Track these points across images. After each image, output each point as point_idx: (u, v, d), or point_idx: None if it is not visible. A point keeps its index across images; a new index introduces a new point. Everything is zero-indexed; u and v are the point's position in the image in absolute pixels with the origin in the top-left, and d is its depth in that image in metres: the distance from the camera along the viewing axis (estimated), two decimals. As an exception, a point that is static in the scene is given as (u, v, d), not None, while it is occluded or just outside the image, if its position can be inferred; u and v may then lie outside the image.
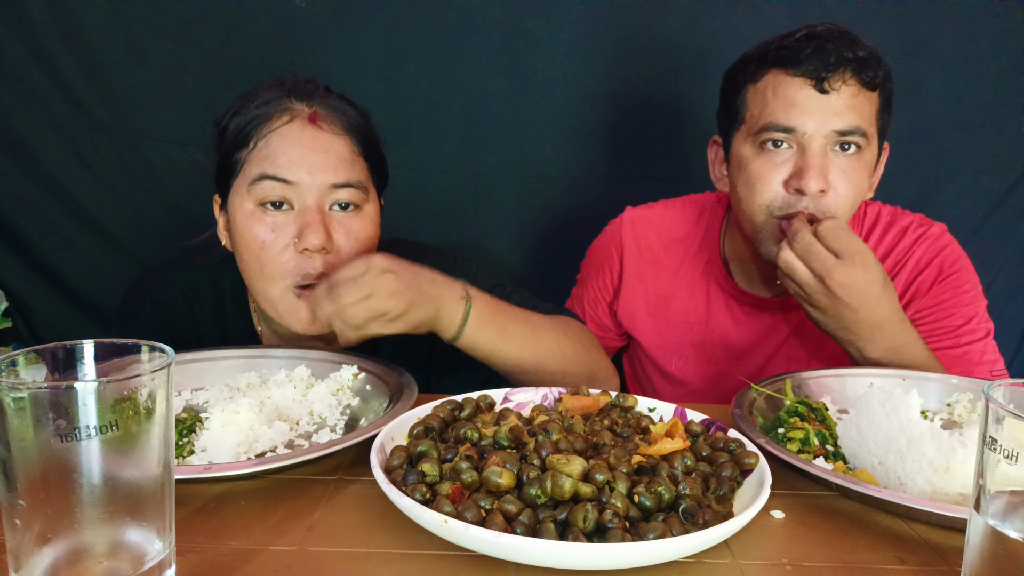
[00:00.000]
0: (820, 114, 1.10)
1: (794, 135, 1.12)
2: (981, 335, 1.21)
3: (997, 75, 1.75)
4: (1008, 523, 0.52)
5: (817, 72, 1.09)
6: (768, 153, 1.14)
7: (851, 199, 1.13)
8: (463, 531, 0.60)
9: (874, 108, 1.14)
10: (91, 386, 0.50)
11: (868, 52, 1.11)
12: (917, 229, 1.27)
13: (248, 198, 1.04)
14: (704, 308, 1.36)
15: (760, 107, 1.15)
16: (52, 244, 1.83)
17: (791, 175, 1.13)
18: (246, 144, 1.04)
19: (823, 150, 1.11)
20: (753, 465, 0.75)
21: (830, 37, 1.10)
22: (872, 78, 1.11)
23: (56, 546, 0.51)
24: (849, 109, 1.10)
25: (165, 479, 0.55)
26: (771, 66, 1.14)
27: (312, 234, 1.00)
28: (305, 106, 1.06)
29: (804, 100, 1.11)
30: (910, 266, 1.25)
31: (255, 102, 1.06)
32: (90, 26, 1.71)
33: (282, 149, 1.03)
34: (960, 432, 0.77)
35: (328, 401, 0.96)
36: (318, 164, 1.02)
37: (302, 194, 1.02)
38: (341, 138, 1.06)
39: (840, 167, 1.12)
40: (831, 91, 1.10)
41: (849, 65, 1.09)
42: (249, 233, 1.03)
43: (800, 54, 1.10)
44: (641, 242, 1.40)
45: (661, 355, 1.40)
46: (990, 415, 0.53)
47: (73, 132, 1.77)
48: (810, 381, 1.03)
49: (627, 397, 0.89)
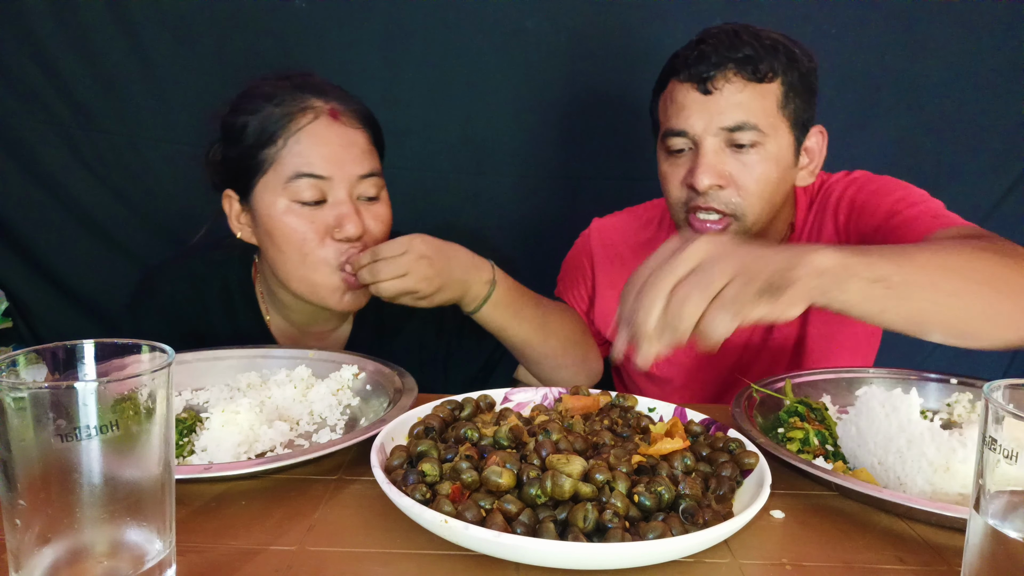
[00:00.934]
0: (706, 114, 1.14)
1: (688, 137, 1.16)
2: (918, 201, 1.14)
3: (997, 75, 1.75)
4: (1008, 523, 0.52)
5: (699, 75, 1.14)
6: (672, 157, 1.21)
7: (756, 191, 1.15)
8: (463, 531, 0.60)
9: (772, 100, 1.15)
10: (91, 386, 0.51)
11: (755, 47, 1.13)
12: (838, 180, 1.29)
13: (283, 195, 1.09)
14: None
15: (663, 115, 1.22)
16: (52, 244, 1.83)
17: (686, 173, 1.18)
18: (273, 142, 1.09)
19: (716, 148, 1.15)
20: (753, 465, 0.75)
21: (715, 39, 1.15)
22: (757, 72, 1.13)
23: (56, 546, 0.51)
24: (735, 106, 1.13)
25: (165, 479, 0.55)
26: (669, 76, 1.21)
27: (350, 224, 1.08)
28: (323, 103, 1.11)
29: (691, 103, 1.15)
30: (831, 206, 1.26)
31: (272, 100, 1.10)
32: (90, 26, 1.71)
33: (314, 147, 1.08)
34: (960, 432, 0.77)
35: (328, 401, 0.96)
36: (346, 158, 1.10)
37: (334, 187, 1.09)
38: (359, 131, 1.13)
39: (739, 162, 1.15)
40: (714, 91, 1.13)
41: (730, 64, 1.13)
42: (289, 227, 1.09)
43: (687, 60, 1.15)
44: (609, 249, 1.45)
45: None
46: (990, 415, 0.53)
47: (73, 132, 1.77)
48: (810, 381, 1.03)
49: (627, 397, 0.89)
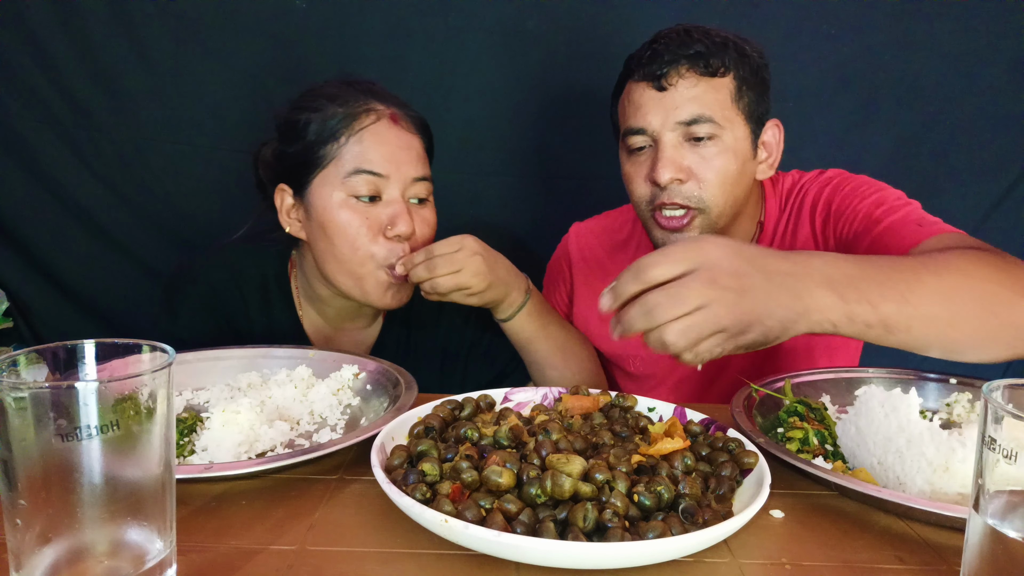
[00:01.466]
0: (662, 110, 1.16)
1: (647, 134, 1.19)
2: (899, 207, 1.11)
3: (997, 75, 1.75)
4: (1007, 523, 0.53)
5: (653, 72, 1.17)
6: (634, 155, 1.23)
7: (716, 183, 1.17)
8: (463, 530, 0.60)
9: (726, 93, 1.17)
10: (92, 386, 0.51)
11: (706, 44, 1.16)
12: (811, 180, 1.29)
13: (341, 188, 1.13)
14: None
15: (622, 116, 1.25)
16: (53, 244, 1.83)
17: (648, 170, 1.19)
18: (335, 140, 1.13)
19: (674, 143, 1.17)
20: (752, 464, 0.75)
21: (667, 38, 1.18)
22: (709, 67, 1.16)
23: (57, 546, 0.51)
24: (690, 101, 1.15)
25: (166, 479, 0.55)
26: (625, 79, 1.24)
27: (402, 223, 1.13)
28: (385, 107, 1.17)
29: (647, 101, 1.18)
30: (807, 209, 1.26)
31: (335, 101, 1.15)
32: (91, 26, 1.71)
33: (374, 146, 1.13)
34: (959, 432, 0.77)
35: (329, 401, 0.96)
36: (404, 160, 1.15)
37: (390, 186, 1.14)
38: (416, 137, 1.19)
39: (699, 155, 1.17)
40: (668, 87, 1.16)
41: (682, 60, 1.16)
42: (343, 220, 1.13)
43: (641, 61, 1.19)
44: (586, 252, 1.47)
45: (620, 358, 1.43)
46: (989, 415, 0.53)
47: (74, 132, 1.77)
48: (810, 381, 1.04)
49: (627, 397, 0.90)
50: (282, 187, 1.20)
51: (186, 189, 1.81)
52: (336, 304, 1.26)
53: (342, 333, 1.31)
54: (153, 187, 1.80)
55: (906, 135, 1.79)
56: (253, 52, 1.74)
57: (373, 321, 1.33)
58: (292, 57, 1.74)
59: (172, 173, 1.80)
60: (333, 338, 1.31)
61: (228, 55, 1.74)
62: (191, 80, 1.75)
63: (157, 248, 1.84)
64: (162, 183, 1.80)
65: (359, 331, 1.32)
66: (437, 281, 1.08)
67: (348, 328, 1.31)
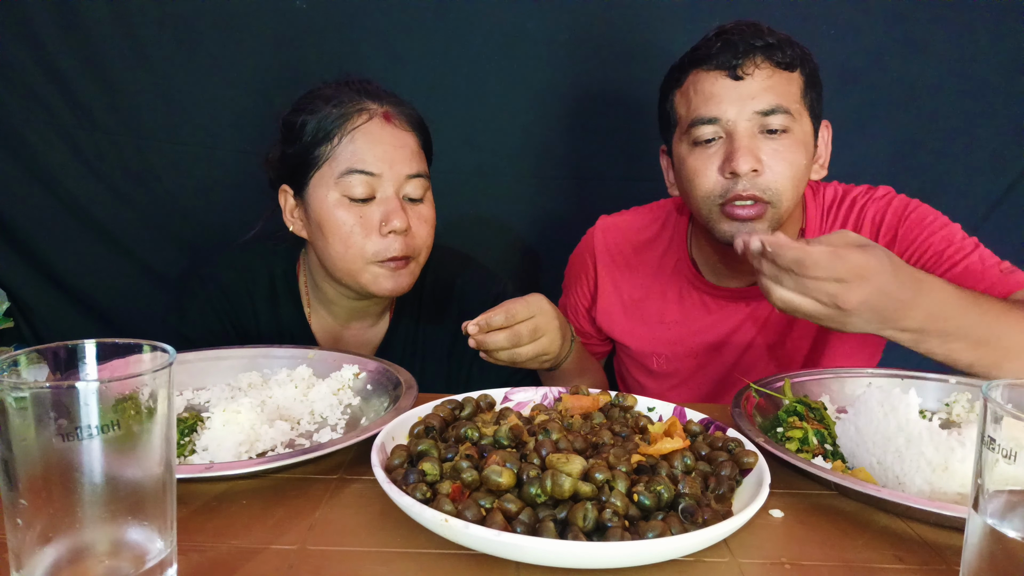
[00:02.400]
0: (739, 99, 1.15)
1: (719, 124, 1.16)
2: (970, 248, 1.19)
3: (997, 75, 1.75)
4: (1007, 522, 0.53)
5: (729, 61, 1.15)
6: (700, 147, 1.19)
7: (789, 176, 1.16)
8: (463, 530, 0.60)
9: (797, 87, 1.17)
10: (93, 386, 0.51)
11: (778, 38, 1.16)
12: (864, 195, 1.30)
13: (335, 188, 1.15)
14: (678, 306, 1.39)
15: (686, 107, 1.21)
16: (53, 244, 1.83)
17: (723, 161, 1.17)
18: (329, 140, 1.15)
19: (749, 133, 1.15)
20: (752, 464, 0.75)
21: (737, 30, 1.17)
22: (784, 59, 1.15)
23: (57, 545, 0.51)
24: (766, 90, 1.14)
25: (166, 478, 0.55)
26: (690, 68, 1.21)
27: (396, 219, 1.14)
28: (378, 105, 1.18)
29: (721, 90, 1.16)
30: (867, 228, 1.27)
31: (330, 102, 1.17)
32: (91, 26, 1.71)
33: (367, 146, 1.15)
34: (958, 431, 0.77)
35: (329, 400, 0.96)
36: (397, 158, 1.16)
37: (384, 184, 1.15)
38: (410, 134, 1.19)
39: (771, 148, 1.15)
40: (745, 76, 1.15)
41: (759, 51, 1.14)
42: (338, 219, 1.15)
43: (712, 49, 1.16)
44: (612, 248, 1.45)
45: (642, 355, 1.43)
46: (988, 414, 0.53)
47: (74, 132, 1.77)
48: (809, 380, 1.04)
49: (627, 397, 0.90)
50: (284, 188, 1.23)
51: (186, 189, 1.81)
52: (342, 303, 1.28)
53: (349, 332, 1.32)
54: (153, 187, 1.81)
55: (906, 135, 1.79)
56: (253, 52, 1.74)
57: (379, 320, 1.34)
58: (292, 57, 1.74)
59: (172, 173, 1.80)
60: (340, 337, 1.32)
61: (228, 55, 1.74)
62: (191, 80, 1.75)
63: (157, 248, 1.84)
64: (162, 183, 1.80)
65: (366, 330, 1.34)
66: (519, 351, 1.02)
67: (355, 327, 1.33)
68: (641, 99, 1.77)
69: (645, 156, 1.80)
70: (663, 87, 1.28)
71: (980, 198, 1.82)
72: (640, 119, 1.78)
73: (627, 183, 1.80)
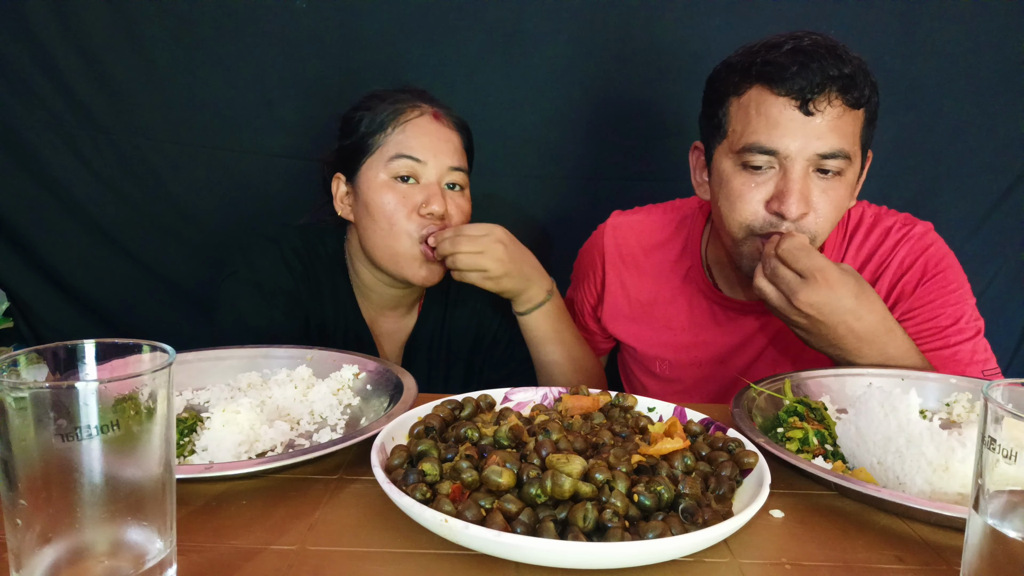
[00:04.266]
0: (803, 136, 1.07)
1: (776, 156, 1.10)
2: (971, 334, 1.19)
3: (997, 75, 1.75)
4: (1007, 522, 0.53)
5: (802, 93, 1.06)
6: (750, 172, 1.12)
7: (832, 219, 1.13)
8: (463, 530, 0.60)
9: (858, 126, 1.11)
10: (92, 386, 0.51)
11: (854, 68, 1.07)
12: (900, 229, 1.25)
13: (384, 171, 1.26)
14: (686, 313, 1.37)
15: (743, 124, 1.12)
16: (53, 244, 1.83)
17: (772, 196, 1.11)
18: (382, 130, 1.28)
19: (805, 172, 1.09)
20: (752, 464, 0.75)
21: (816, 53, 1.06)
22: (858, 97, 1.08)
23: (57, 545, 0.51)
24: (833, 131, 1.08)
25: (166, 478, 0.55)
26: (755, 81, 1.11)
27: (435, 203, 1.25)
28: (430, 106, 1.31)
29: (788, 121, 1.08)
30: (893, 267, 1.23)
31: (387, 100, 1.29)
32: (91, 25, 1.71)
33: (415, 135, 1.27)
34: (959, 432, 0.77)
35: (329, 401, 0.96)
36: (441, 150, 1.28)
37: (428, 171, 1.27)
38: (455, 133, 1.31)
39: (821, 188, 1.10)
40: (816, 112, 1.07)
41: (835, 84, 1.06)
42: (384, 198, 1.26)
43: (785, 72, 1.06)
44: (623, 248, 1.43)
45: (646, 359, 1.42)
46: (989, 415, 0.53)
47: (74, 132, 1.77)
48: (809, 381, 1.03)
49: (627, 397, 0.89)
50: (338, 176, 1.35)
51: (186, 189, 1.81)
52: (378, 289, 1.37)
53: (384, 319, 1.41)
54: (153, 187, 1.80)
55: (906, 135, 1.79)
56: (253, 52, 1.74)
57: (410, 311, 1.43)
58: (292, 57, 1.74)
59: (172, 173, 1.80)
60: (377, 322, 1.40)
61: (228, 55, 1.74)
62: (191, 80, 1.75)
63: (157, 248, 1.84)
64: (162, 183, 1.80)
65: (398, 319, 1.42)
66: (458, 257, 1.20)
67: (388, 316, 1.41)
68: (643, 98, 1.78)
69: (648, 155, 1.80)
70: (715, 83, 1.18)
71: (980, 198, 1.82)
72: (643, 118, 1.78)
73: (630, 182, 1.80)
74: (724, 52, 1.21)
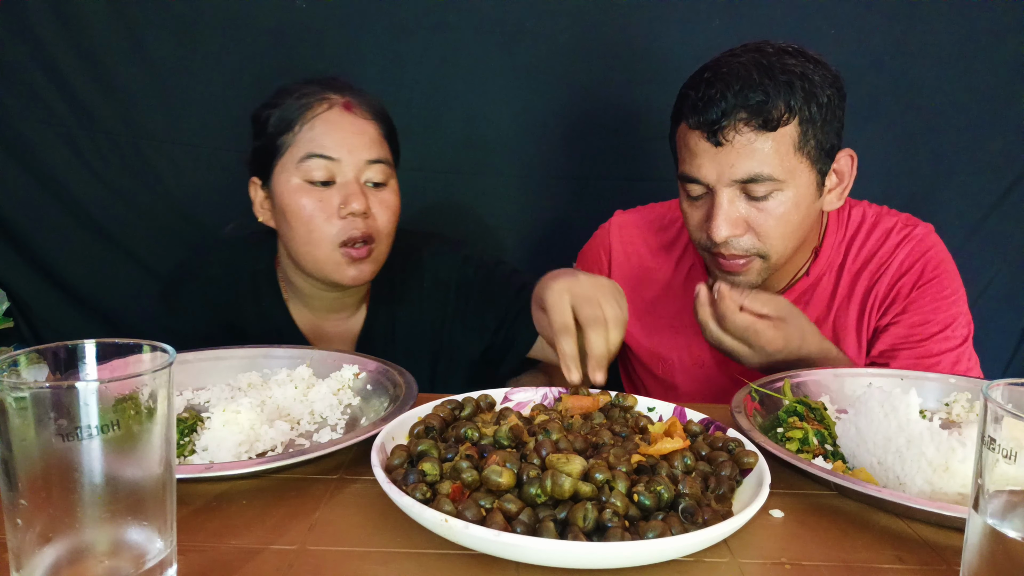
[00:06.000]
0: (717, 165, 1.10)
1: (702, 183, 1.13)
2: (957, 343, 1.19)
3: (997, 75, 1.75)
4: (1007, 522, 0.53)
5: (710, 125, 1.08)
6: (692, 199, 1.18)
7: (779, 233, 1.14)
8: (463, 530, 0.60)
9: (788, 144, 1.09)
10: (92, 386, 0.51)
11: (767, 89, 1.06)
12: (901, 231, 1.26)
13: (295, 174, 1.18)
14: (690, 313, 1.35)
15: (679, 156, 1.19)
16: (54, 244, 1.83)
17: (704, 218, 1.16)
18: (290, 129, 1.19)
19: (730, 197, 1.12)
20: (752, 464, 0.75)
21: (723, 80, 1.08)
22: (771, 119, 1.07)
23: (57, 545, 0.51)
24: (746, 158, 1.08)
25: (166, 478, 0.55)
26: (680, 116, 1.16)
27: (355, 201, 1.17)
28: (339, 96, 1.22)
29: (702, 152, 1.11)
30: (893, 269, 1.24)
31: (294, 95, 1.21)
32: (91, 25, 1.71)
33: (326, 131, 1.18)
34: (959, 431, 0.77)
35: (329, 400, 0.96)
36: (355, 144, 1.19)
37: (343, 169, 1.18)
38: (371, 122, 1.22)
39: (757, 208, 1.12)
40: (725, 142, 1.09)
41: (741, 111, 1.07)
42: (298, 204, 1.18)
43: (696, 105, 1.10)
44: (628, 248, 1.43)
45: (650, 359, 1.42)
46: (989, 415, 0.53)
47: (74, 132, 1.77)
48: (809, 381, 1.03)
49: (627, 397, 0.90)
50: (254, 180, 1.26)
51: (186, 189, 1.81)
52: (315, 295, 1.30)
53: (328, 324, 1.34)
54: (153, 187, 1.80)
55: (906, 135, 1.79)
56: (253, 52, 1.74)
57: (356, 311, 1.35)
58: (292, 57, 1.74)
59: (172, 173, 1.80)
60: (320, 329, 1.33)
61: (228, 55, 1.74)
62: (191, 80, 1.75)
63: (157, 248, 1.84)
64: (162, 183, 1.80)
65: (344, 321, 1.35)
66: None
67: (332, 319, 1.34)
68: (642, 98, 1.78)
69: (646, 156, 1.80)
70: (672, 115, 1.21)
71: (980, 198, 1.82)
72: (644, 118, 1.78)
73: (628, 183, 1.80)
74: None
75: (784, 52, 1.10)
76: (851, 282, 1.26)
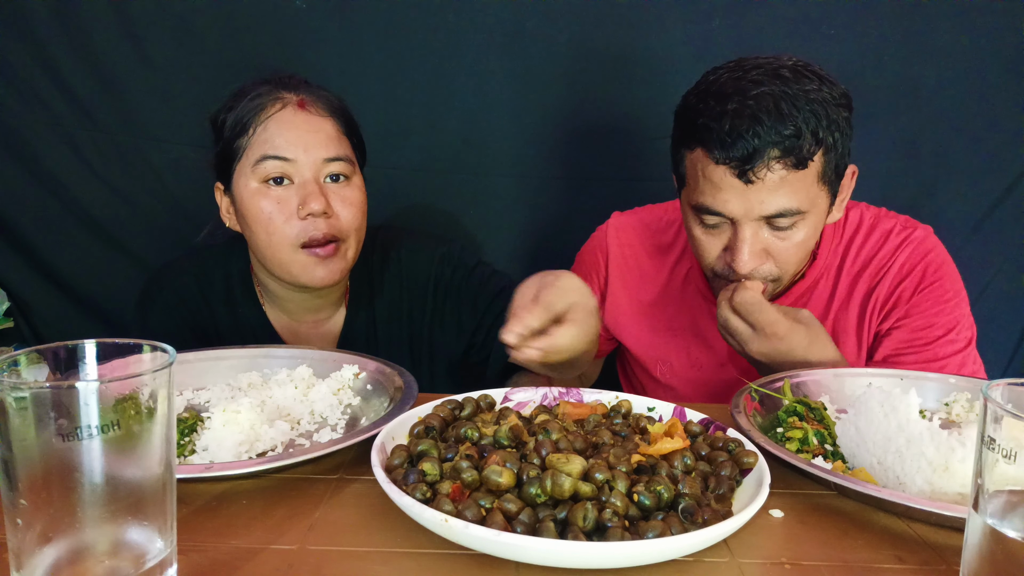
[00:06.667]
0: (745, 202, 1.07)
1: (724, 216, 1.11)
2: (961, 346, 1.19)
3: (997, 75, 1.75)
4: (1007, 522, 0.53)
5: (740, 163, 1.04)
6: (707, 225, 1.15)
7: (797, 257, 1.15)
8: (463, 530, 0.60)
9: (812, 176, 1.08)
10: (93, 386, 0.51)
11: (797, 124, 1.03)
12: (900, 233, 1.25)
13: (252, 177, 1.16)
14: (688, 315, 1.37)
15: (693, 181, 1.13)
16: (54, 244, 1.83)
17: (725, 248, 1.14)
18: (245, 132, 1.17)
19: (755, 230, 1.10)
20: (752, 464, 0.75)
21: (757, 116, 1.03)
22: (802, 155, 1.04)
23: (57, 545, 0.51)
24: (776, 195, 1.06)
25: (166, 478, 0.55)
26: (697, 143, 1.10)
27: (313, 201, 1.14)
28: (293, 95, 1.19)
29: (729, 188, 1.07)
30: (893, 272, 1.23)
31: (248, 96, 1.19)
32: (91, 25, 1.71)
33: (279, 132, 1.16)
34: (959, 431, 0.77)
35: (329, 400, 0.96)
36: (311, 142, 1.17)
37: (300, 169, 1.16)
38: (327, 119, 1.20)
39: (778, 238, 1.12)
40: (756, 180, 1.05)
41: (773, 151, 1.04)
42: (256, 207, 1.16)
43: (724, 140, 1.04)
44: (626, 249, 1.42)
45: (648, 360, 1.41)
46: (988, 414, 0.53)
47: (75, 132, 1.77)
48: (809, 381, 1.03)
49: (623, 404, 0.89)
50: (217, 185, 1.25)
51: (187, 189, 1.81)
52: (290, 297, 1.28)
53: (305, 326, 1.32)
54: (154, 187, 1.81)
55: (906, 135, 1.79)
56: (253, 52, 1.74)
57: (335, 312, 1.34)
58: (292, 57, 1.74)
59: (173, 173, 1.80)
60: (298, 332, 1.32)
61: (228, 55, 1.74)
62: (191, 80, 1.75)
63: (158, 248, 1.83)
64: (163, 183, 1.80)
65: (323, 323, 1.33)
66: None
67: (310, 321, 1.32)
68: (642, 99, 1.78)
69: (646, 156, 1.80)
70: (677, 119, 1.16)
71: (980, 198, 1.82)
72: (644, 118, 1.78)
73: (628, 183, 1.80)
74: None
75: (800, 75, 1.06)
76: (850, 284, 1.26)
